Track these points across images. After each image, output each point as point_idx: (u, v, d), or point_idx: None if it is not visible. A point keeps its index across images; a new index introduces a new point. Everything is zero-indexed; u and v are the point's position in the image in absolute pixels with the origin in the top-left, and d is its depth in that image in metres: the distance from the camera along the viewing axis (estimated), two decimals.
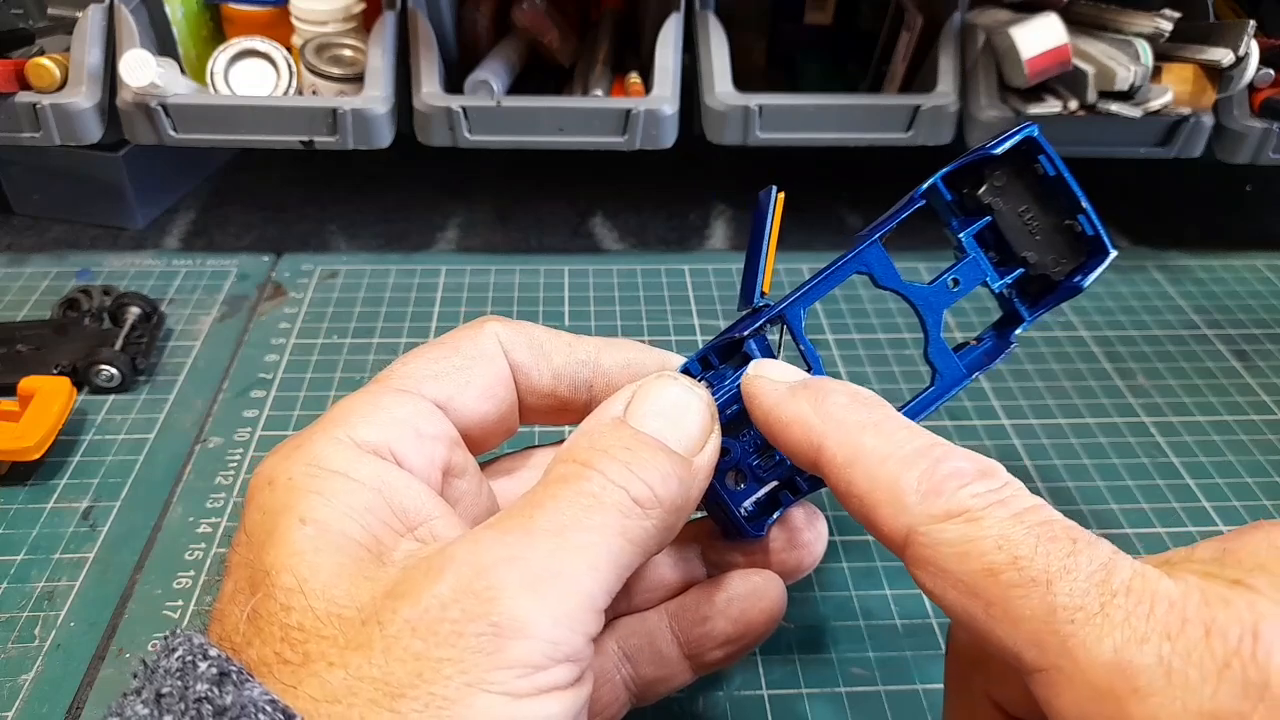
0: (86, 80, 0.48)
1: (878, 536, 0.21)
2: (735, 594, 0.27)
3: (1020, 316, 0.27)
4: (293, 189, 0.64)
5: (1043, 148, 0.25)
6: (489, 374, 0.26)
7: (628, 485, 0.21)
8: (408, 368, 0.25)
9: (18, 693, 0.31)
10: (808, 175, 0.65)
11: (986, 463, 0.20)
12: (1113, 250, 0.25)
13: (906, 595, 0.36)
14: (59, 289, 0.51)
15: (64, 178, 0.57)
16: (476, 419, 0.26)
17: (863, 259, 0.26)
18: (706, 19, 0.53)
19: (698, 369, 0.26)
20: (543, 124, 0.50)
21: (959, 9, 0.53)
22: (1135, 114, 0.49)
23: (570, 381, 0.27)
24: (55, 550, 0.37)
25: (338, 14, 0.53)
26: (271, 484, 0.22)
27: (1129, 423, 0.45)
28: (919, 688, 0.32)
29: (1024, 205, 0.26)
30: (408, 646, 0.18)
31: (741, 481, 0.27)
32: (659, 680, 0.27)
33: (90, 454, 0.41)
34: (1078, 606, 0.17)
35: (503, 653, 0.18)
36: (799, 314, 0.26)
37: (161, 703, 0.18)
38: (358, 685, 0.18)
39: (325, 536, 0.20)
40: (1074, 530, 0.19)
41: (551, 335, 0.27)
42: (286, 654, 0.19)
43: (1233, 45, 0.49)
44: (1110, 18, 0.51)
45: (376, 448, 0.23)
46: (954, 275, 0.27)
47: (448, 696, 0.18)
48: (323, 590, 0.19)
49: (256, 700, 0.17)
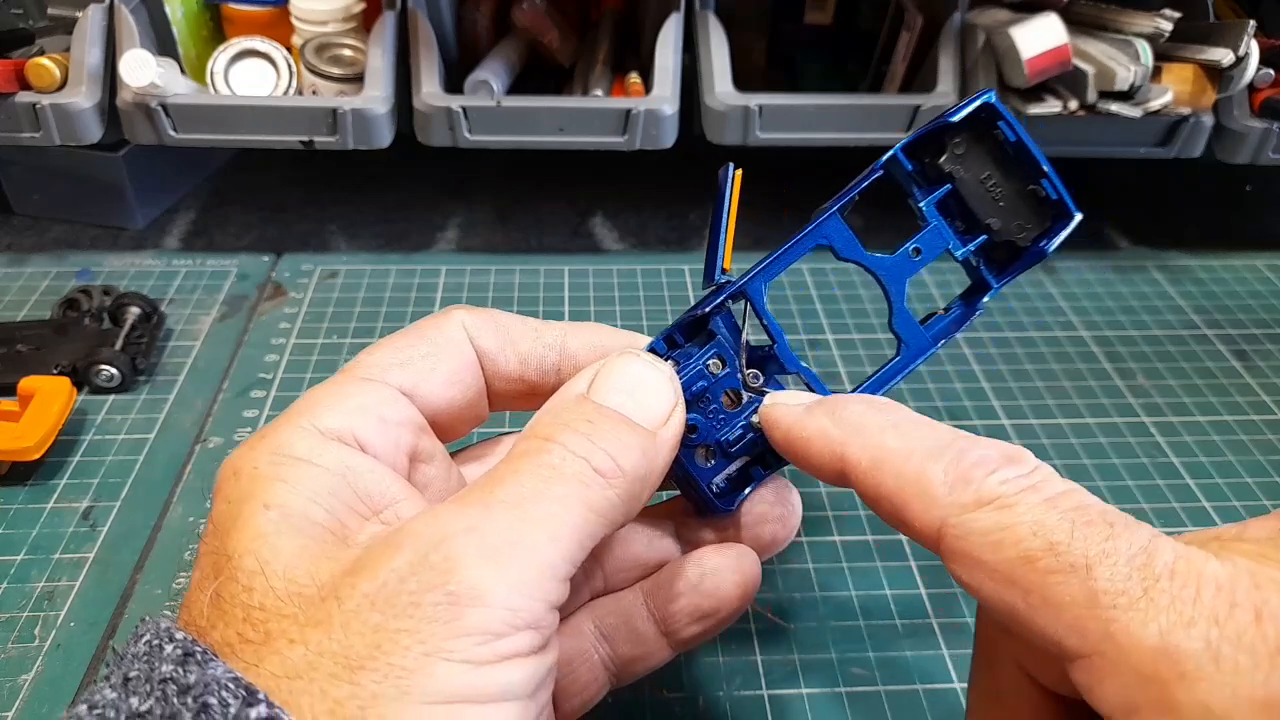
0: (86, 80, 0.48)
1: (911, 535, 0.21)
2: (707, 569, 0.27)
3: (987, 284, 0.27)
4: (293, 189, 0.64)
5: (1001, 114, 0.25)
6: (454, 361, 0.26)
7: (589, 456, 0.21)
8: (373, 357, 0.25)
9: (18, 693, 0.31)
10: (808, 175, 0.65)
11: (1012, 449, 0.20)
12: (1077, 213, 0.25)
13: (906, 595, 0.36)
14: (59, 289, 0.51)
15: (64, 178, 0.57)
16: (443, 405, 0.26)
17: (822, 231, 0.26)
18: (706, 19, 0.53)
19: (664, 348, 0.26)
20: (543, 124, 0.50)
21: (959, 9, 0.53)
22: (1135, 114, 0.49)
23: (537, 366, 0.27)
24: (55, 550, 0.37)
25: (338, 14, 0.53)
26: (237, 474, 0.22)
27: (1129, 423, 0.45)
28: (919, 688, 0.32)
29: (986, 172, 0.26)
30: (366, 619, 0.18)
31: (711, 458, 0.27)
32: (637, 658, 0.27)
33: (90, 454, 0.41)
34: (1120, 591, 0.17)
35: (460, 621, 0.18)
36: (760, 289, 0.26)
37: (129, 685, 0.18)
38: (318, 660, 0.18)
39: (288, 520, 0.21)
40: (1110, 513, 0.18)
41: (517, 321, 0.27)
42: (248, 634, 0.19)
43: (1233, 45, 0.49)
44: (1110, 18, 0.51)
45: (340, 434, 0.23)
46: (916, 244, 0.26)
47: (406, 666, 0.18)
48: (284, 570, 0.20)
49: (220, 678, 0.17)
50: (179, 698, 0.17)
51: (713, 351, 0.26)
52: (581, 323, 0.28)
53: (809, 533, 0.38)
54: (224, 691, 0.17)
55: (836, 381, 0.46)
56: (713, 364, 0.26)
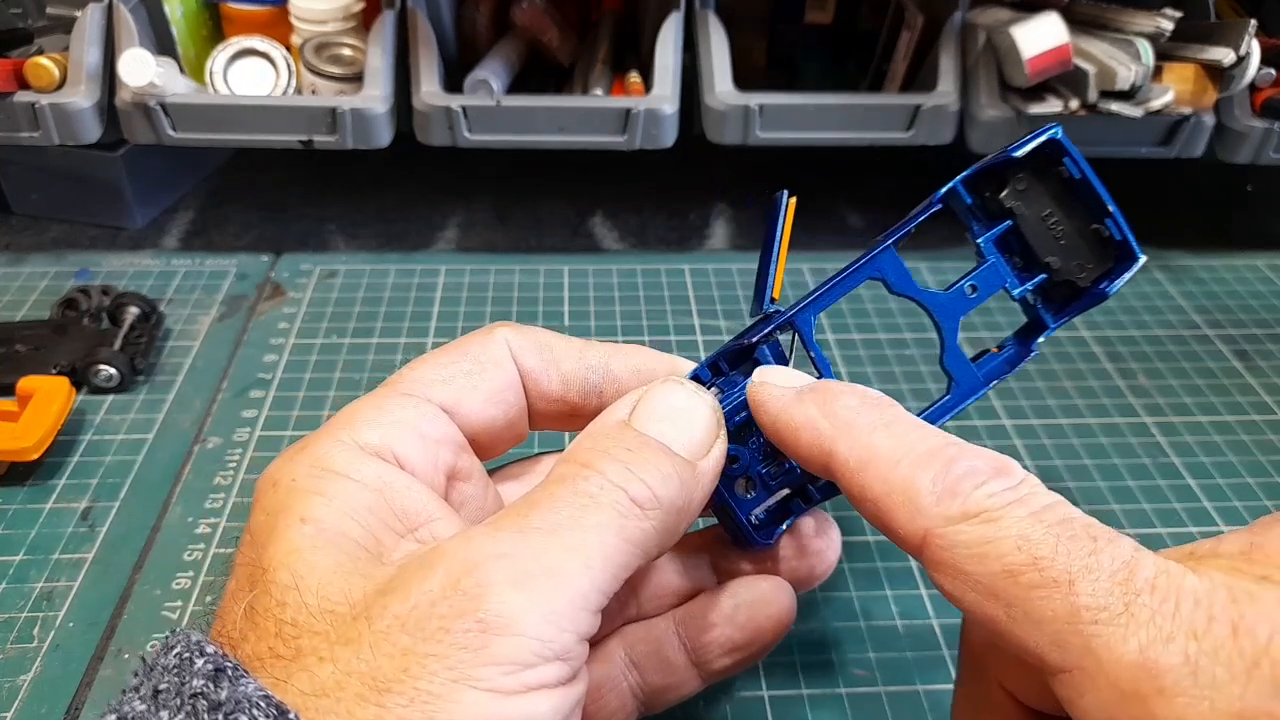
0: (85, 80, 0.48)
1: (894, 540, 0.21)
2: (742, 600, 0.26)
3: (1044, 324, 0.26)
4: (292, 189, 0.64)
5: (1067, 150, 0.24)
6: (497, 379, 0.26)
7: (626, 485, 0.21)
8: (416, 372, 0.25)
9: (16, 693, 0.31)
10: (808, 175, 0.65)
11: (1002, 460, 0.20)
12: (1141, 255, 0.25)
13: (907, 596, 0.36)
14: (58, 289, 0.51)
15: (63, 177, 0.57)
16: (483, 424, 0.26)
17: (877, 265, 0.26)
18: (706, 18, 0.53)
19: (708, 375, 0.26)
20: (542, 123, 0.50)
21: (960, 8, 0.53)
22: (1136, 114, 0.49)
23: (580, 387, 0.27)
24: (54, 550, 0.36)
25: (337, 13, 0.53)
26: (275, 485, 0.22)
27: (1130, 423, 0.45)
28: (920, 689, 0.32)
29: (1047, 209, 0.25)
30: (396, 641, 0.18)
31: (752, 489, 0.26)
32: (666, 688, 0.27)
33: (89, 454, 0.41)
34: (1101, 607, 0.17)
35: (489, 649, 0.18)
36: (809, 320, 0.26)
37: (158, 698, 0.18)
38: (345, 680, 0.18)
39: (324, 535, 0.21)
40: (1094, 528, 0.19)
41: (562, 341, 0.27)
42: (279, 649, 0.19)
43: (1234, 45, 0.49)
44: (1111, 17, 0.51)
45: (379, 450, 0.23)
46: (972, 281, 0.26)
47: (433, 692, 0.18)
48: (318, 587, 0.20)
49: (251, 695, 0.17)
50: (209, 714, 0.17)
51: None
52: (627, 345, 0.27)
53: None
54: (255, 710, 0.17)
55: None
56: None
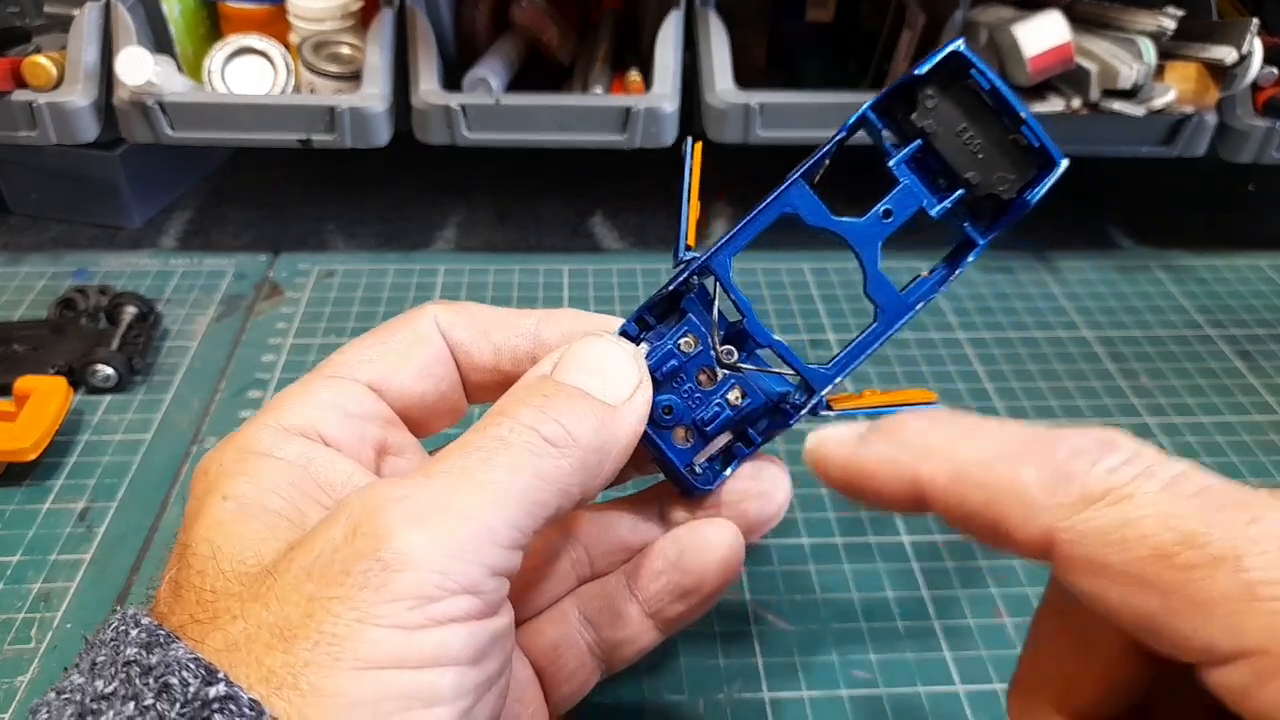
0: (83, 78, 0.48)
1: (1015, 550, 0.18)
2: (685, 545, 0.26)
3: (973, 242, 0.26)
4: (290, 188, 0.63)
5: (972, 62, 0.24)
6: (425, 354, 0.26)
7: (539, 426, 0.21)
8: (343, 356, 0.26)
9: (14, 694, 0.31)
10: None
11: (1104, 432, 0.18)
12: (1061, 160, 0.24)
13: (908, 597, 0.35)
14: (55, 288, 0.51)
15: (60, 177, 0.57)
16: (414, 399, 0.26)
17: (786, 199, 0.26)
18: (707, 16, 0.53)
19: (635, 330, 0.26)
20: (542, 122, 0.50)
21: (961, 6, 0.52)
22: (1138, 112, 0.49)
23: (512, 355, 0.27)
24: (52, 551, 0.36)
25: (335, 11, 0.53)
26: (205, 473, 0.23)
27: (1132, 423, 0.44)
28: (920, 690, 0.32)
29: (961, 124, 0.24)
30: (301, 590, 0.18)
31: (691, 439, 0.26)
32: (623, 642, 0.27)
33: (87, 454, 0.41)
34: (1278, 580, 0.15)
35: (389, 586, 0.18)
36: (726, 263, 0.26)
37: (95, 669, 0.18)
38: (255, 632, 0.18)
39: (244, 509, 0.21)
40: (1239, 492, 0.17)
41: (491, 311, 0.27)
42: (199, 614, 0.19)
43: (1236, 43, 0.48)
44: (1113, 16, 0.51)
45: (302, 429, 0.24)
46: (886, 205, 0.25)
47: (337, 634, 0.18)
48: (234, 554, 0.20)
49: (180, 659, 0.18)
50: (141, 679, 0.18)
51: (684, 330, 0.26)
52: (556, 309, 0.28)
53: (809, 534, 0.38)
54: (184, 671, 0.18)
55: None
56: (685, 343, 0.26)
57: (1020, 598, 0.36)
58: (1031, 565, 0.37)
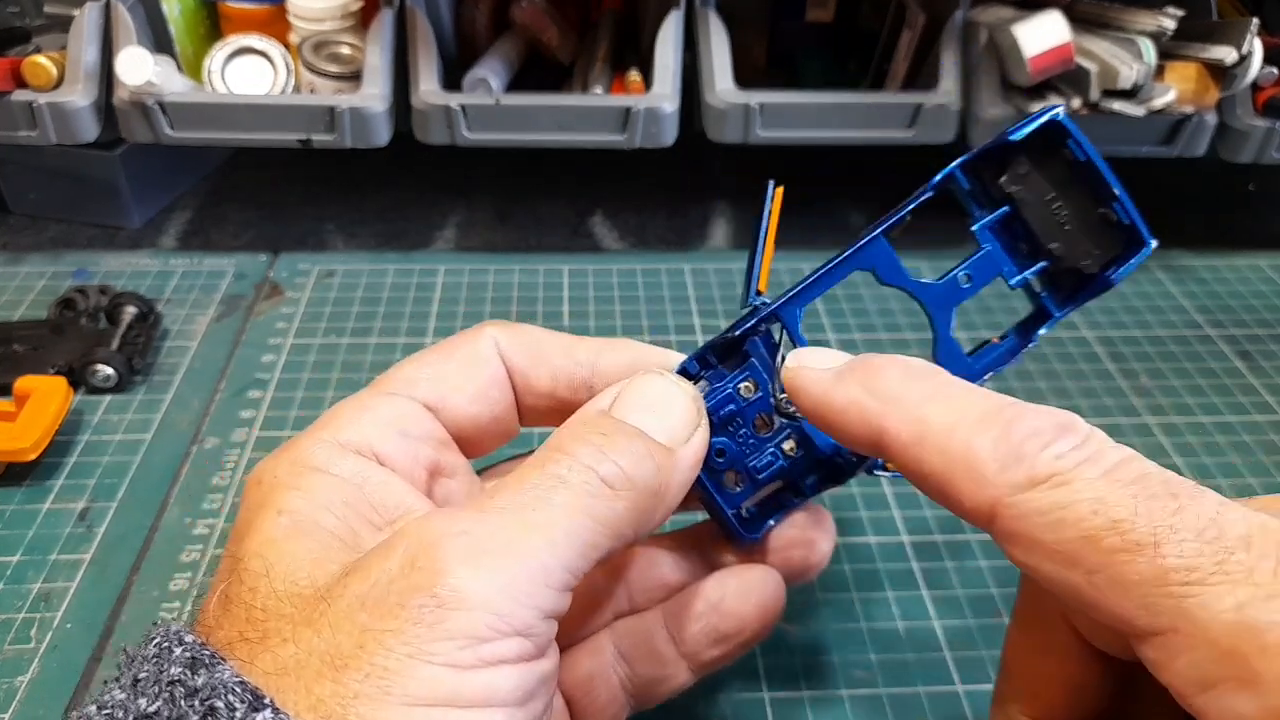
0: (83, 78, 0.48)
1: (960, 514, 0.20)
2: (728, 589, 0.26)
3: (1048, 313, 0.25)
4: (290, 188, 0.63)
5: (1070, 132, 0.23)
6: (482, 377, 0.26)
7: (596, 466, 0.21)
8: (401, 372, 0.26)
9: (14, 694, 0.31)
10: (809, 174, 0.65)
11: (1065, 416, 0.19)
12: (1151, 241, 0.24)
13: (908, 598, 0.35)
14: (55, 288, 0.51)
15: (60, 177, 0.57)
16: (469, 420, 0.26)
17: (866, 255, 0.25)
18: (707, 16, 0.53)
19: (696, 368, 0.26)
20: (542, 122, 0.50)
21: (961, 7, 0.52)
22: (1138, 112, 0.49)
23: (568, 382, 0.27)
24: (52, 551, 0.36)
25: (335, 11, 0.53)
26: (259, 483, 0.23)
27: (1132, 423, 0.44)
28: (921, 691, 0.32)
29: (1050, 194, 0.24)
30: (354, 620, 0.18)
31: (741, 484, 0.26)
32: (657, 680, 0.27)
33: (87, 454, 0.41)
34: (1190, 567, 0.16)
35: (444, 624, 0.18)
36: (795, 313, 0.26)
37: (137, 687, 0.18)
38: (306, 658, 0.18)
39: (298, 526, 0.21)
40: (1173, 482, 0.18)
41: (551, 337, 0.27)
42: (248, 633, 0.19)
43: (1236, 43, 0.48)
44: (1113, 15, 0.51)
45: (358, 447, 0.23)
46: (966, 270, 0.25)
47: (389, 667, 0.18)
48: (287, 573, 0.20)
49: (227, 682, 0.18)
50: (186, 700, 0.18)
51: (745, 375, 0.26)
52: (616, 339, 0.27)
53: None
54: (230, 695, 0.17)
55: None
56: (745, 387, 0.26)
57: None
58: None
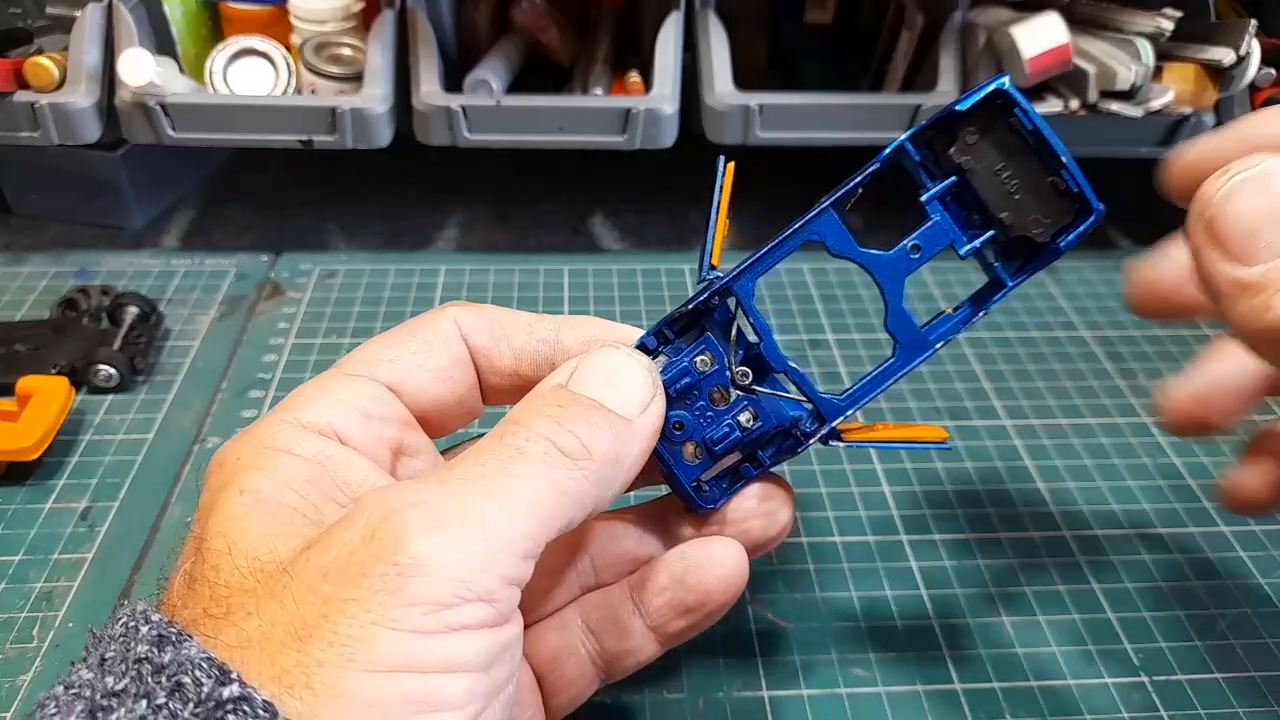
0: (85, 79, 0.48)
1: None
2: (690, 562, 0.26)
3: (1002, 283, 0.25)
4: (291, 188, 0.64)
5: (1016, 101, 0.23)
6: (444, 357, 0.26)
7: (554, 437, 0.22)
8: (363, 354, 0.26)
9: (16, 693, 0.31)
10: (809, 175, 0.65)
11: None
12: (1098, 206, 0.24)
13: (906, 596, 0.36)
14: (57, 289, 0.51)
15: (62, 177, 0.57)
16: (432, 401, 0.26)
17: (813, 226, 0.25)
18: (707, 17, 0.53)
19: (654, 343, 0.26)
20: (542, 123, 0.50)
21: (960, 8, 0.53)
22: (1136, 113, 0.49)
23: (532, 360, 0.27)
24: (54, 551, 0.36)
25: (337, 13, 0.53)
26: (221, 466, 0.23)
27: (1130, 423, 0.45)
28: (920, 689, 0.32)
29: (1000, 164, 0.24)
30: (316, 590, 0.19)
31: (699, 456, 0.26)
32: (624, 653, 0.27)
33: (89, 454, 0.41)
34: None
35: (405, 591, 0.18)
36: (748, 286, 0.26)
37: (105, 666, 0.18)
38: (270, 630, 0.18)
39: (260, 504, 0.21)
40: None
41: (512, 316, 0.27)
42: (212, 609, 0.19)
43: (1234, 45, 0.49)
44: (1111, 17, 0.51)
45: (320, 428, 0.23)
46: (915, 240, 0.25)
47: (351, 635, 0.18)
48: (249, 549, 0.20)
49: (193, 658, 0.18)
50: (153, 677, 0.18)
51: (702, 348, 0.26)
52: (577, 316, 0.28)
53: (809, 533, 0.38)
54: (197, 671, 0.17)
55: (837, 381, 0.46)
56: (701, 361, 0.26)
57: (1019, 597, 0.36)
58: (1032, 565, 0.37)
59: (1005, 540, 0.38)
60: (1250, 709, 0.32)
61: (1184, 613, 0.35)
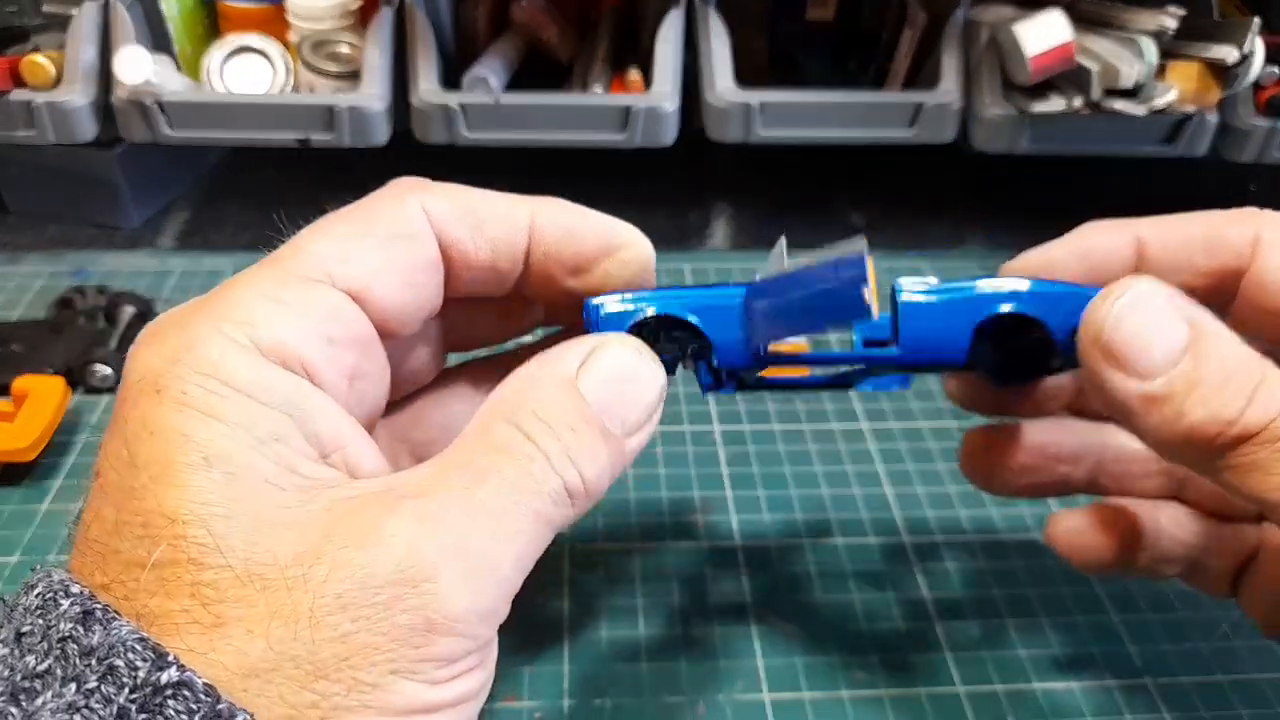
0: (81, 78, 0.48)
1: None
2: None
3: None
4: (289, 187, 0.63)
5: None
6: (413, 257, 0.23)
7: (564, 474, 0.21)
8: (315, 245, 0.22)
9: None
10: (810, 173, 0.65)
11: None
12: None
13: (908, 598, 0.35)
14: (54, 288, 0.51)
15: (59, 176, 0.57)
16: (395, 310, 0.22)
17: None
18: (707, 15, 0.53)
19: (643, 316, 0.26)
20: (542, 121, 0.50)
21: (962, 6, 0.52)
22: (1140, 111, 0.49)
23: (510, 254, 0.24)
24: (51, 552, 0.36)
25: (334, 10, 0.53)
26: (159, 392, 0.19)
27: None
28: (922, 692, 0.32)
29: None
30: (336, 625, 0.18)
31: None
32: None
33: (85, 455, 0.41)
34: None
35: (431, 647, 0.18)
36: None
37: (22, 642, 0.17)
38: (279, 661, 0.17)
39: (237, 483, 0.18)
40: None
41: (485, 200, 0.24)
42: (196, 613, 0.17)
43: (1238, 43, 0.48)
44: (1115, 15, 0.51)
45: (284, 357, 0.20)
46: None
47: (371, 682, 0.18)
48: (241, 548, 0.18)
49: (125, 640, 0.17)
50: (82, 659, 0.17)
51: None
52: (548, 198, 0.26)
53: (809, 534, 0.38)
54: (130, 654, 0.16)
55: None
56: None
57: (1021, 599, 0.35)
58: (1035, 567, 0.37)
59: (1009, 542, 0.38)
60: (1253, 711, 0.32)
61: (1187, 614, 0.35)
